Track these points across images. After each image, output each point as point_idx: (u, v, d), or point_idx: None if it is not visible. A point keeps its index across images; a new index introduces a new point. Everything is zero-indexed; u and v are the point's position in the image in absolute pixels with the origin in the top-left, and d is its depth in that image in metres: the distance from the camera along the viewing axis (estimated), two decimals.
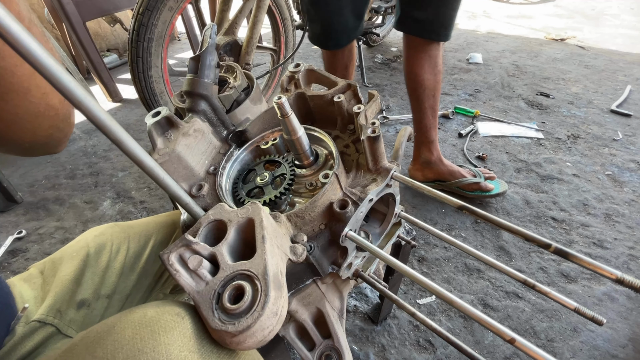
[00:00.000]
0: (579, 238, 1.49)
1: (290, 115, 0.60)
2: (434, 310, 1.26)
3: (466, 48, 3.25)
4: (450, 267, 1.39)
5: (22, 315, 0.56)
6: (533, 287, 0.52)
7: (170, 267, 0.41)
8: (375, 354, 1.14)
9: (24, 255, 1.56)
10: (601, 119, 2.22)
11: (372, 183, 0.62)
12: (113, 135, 0.34)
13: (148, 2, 1.54)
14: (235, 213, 0.46)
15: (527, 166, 1.88)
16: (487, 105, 2.42)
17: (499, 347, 1.14)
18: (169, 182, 0.43)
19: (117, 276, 0.67)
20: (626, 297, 1.27)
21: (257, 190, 0.65)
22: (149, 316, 0.39)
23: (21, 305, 0.57)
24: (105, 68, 2.66)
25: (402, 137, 0.83)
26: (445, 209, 1.64)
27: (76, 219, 1.74)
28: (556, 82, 2.64)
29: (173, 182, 0.44)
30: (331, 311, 0.66)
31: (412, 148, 1.78)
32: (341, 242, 0.59)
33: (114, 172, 2.02)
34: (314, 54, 3.29)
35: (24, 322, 0.56)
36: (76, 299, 0.61)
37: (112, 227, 0.72)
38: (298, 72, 0.76)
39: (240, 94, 0.75)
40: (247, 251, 0.44)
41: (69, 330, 0.58)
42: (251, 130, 0.73)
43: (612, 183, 1.75)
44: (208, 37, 0.67)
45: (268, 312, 0.38)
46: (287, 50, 2.27)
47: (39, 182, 1.97)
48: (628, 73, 2.69)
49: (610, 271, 0.44)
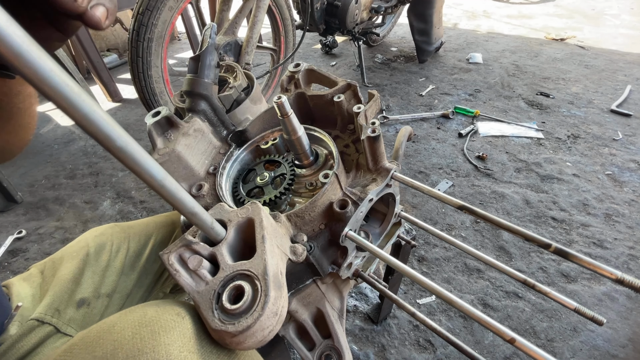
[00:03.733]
0: (579, 238, 1.49)
1: (290, 115, 0.60)
2: (434, 310, 1.26)
3: (466, 48, 3.25)
4: (450, 267, 1.39)
5: (15, 314, 0.56)
6: (533, 287, 0.52)
7: (170, 267, 0.41)
8: (375, 353, 1.14)
9: (24, 255, 1.56)
10: (601, 118, 2.22)
11: (372, 183, 0.62)
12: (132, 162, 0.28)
13: (148, 2, 1.54)
14: (235, 213, 0.46)
15: (527, 166, 1.88)
16: (487, 105, 2.42)
17: (499, 347, 1.14)
18: (198, 210, 0.37)
19: (117, 275, 0.67)
20: (626, 297, 1.27)
21: (257, 190, 0.65)
22: (149, 316, 0.39)
23: (17, 304, 0.57)
24: (105, 68, 2.66)
25: (402, 137, 0.83)
26: (445, 209, 1.64)
27: (76, 219, 1.73)
28: (556, 82, 2.64)
29: (201, 209, 0.38)
30: (331, 311, 0.66)
31: (412, 148, 1.78)
32: (341, 242, 0.59)
33: (114, 172, 2.02)
34: (314, 54, 3.29)
35: (18, 320, 0.56)
36: (75, 298, 0.61)
37: (113, 227, 0.73)
38: (298, 72, 0.76)
39: (240, 94, 0.75)
40: (247, 251, 0.44)
41: (68, 329, 0.58)
42: (251, 130, 0.73)
43: (612, 183, 1.75)
44: (208, 37, 0.67)
45: (268, 312, 0.38)
46: (287, 50, 2.27)
47: (39, 182, 1.97)
48: (628, 73, 2.69)
49: (610, 271, 0.44)
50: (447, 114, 2.29)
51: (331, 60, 3.15)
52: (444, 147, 2.04)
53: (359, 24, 2.61)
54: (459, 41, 3.40)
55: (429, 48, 2.91)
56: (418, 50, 2.94)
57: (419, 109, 2.42)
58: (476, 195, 1.71)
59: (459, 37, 3.49)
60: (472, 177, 1.83)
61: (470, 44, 3.34)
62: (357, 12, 2.49)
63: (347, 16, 2.40)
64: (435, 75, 2.82)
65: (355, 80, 1.09)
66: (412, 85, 2.69)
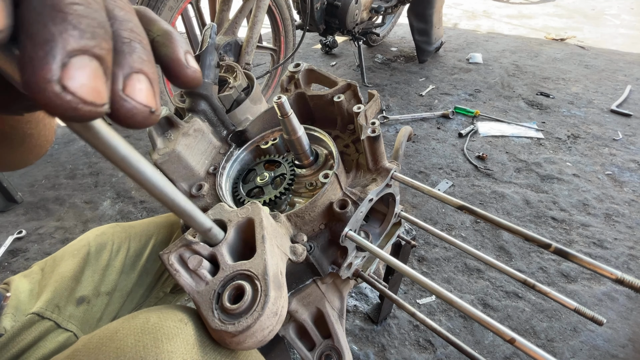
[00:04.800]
0: (579, 238, 1.49)
1: (290, 115, 0.60)
2: (434, 310, 1.26)
3: (466, 48, 3.25)
4: (450, 267, 1.39)
5: (5, 305, 0.57)
6: (533, 287, 0.52)
7: (170, 267, 0.41)
8: (375, 353, 1.14)
9: (24, 255, 1.56)
10: (601, 118, 2.22)
11: (372, 183, 0.62)
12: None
13: (148, 2, 1.54)
14: (235, 213, 0.46)
15: (527, 166, 1.88)
16: (487, 105, 2.42)
17: (499, 347, 1.14)
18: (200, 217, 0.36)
19: (117, 274, 0.68)
20: (626, 297, 1.27)
21: (257, 190, 0.65)
22: (151, 322, 0.39)
23: (12, 299, 0.58)
24: None
25: (402, 137, 0.83)
26: (445, 209, 1.64)
27: (76, 218, 1.73)
28: (556, 82, 2.64)
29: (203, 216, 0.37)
30: (331, 311, 0.66)
31: (412, 148, 1.78)
32: (341, 242, 0.59)
33: (114, 172, 2.02)
34: (314, 54, 3.29)
35: (11, 312, 0.56)
36: (75, 295, 0.62)
37: (114, 227, 0.73)
38: (298, 72, 0.76)
39: (240, 94, 0.75)
40: (247, 251, 0.44)
41: (68, 325, 0.59)
42: (251, 130, 0.73)
43: (612, 183, 1.75)
44: (208, 37, 0.67)
45: (268, 312, 0.38)
46: (287, 50, 2.27)
47: (39, 182, 1.97)
48: (628, 73, 2.69)
49: (610, 271, 0.44)
50: (447, 114, 2.29)
51: (331, 60, 3.15)
52: (444, 147, 2.04)
53: (359, 24, 2.61)
54: (459, 41, 3.40)
55: (429, 48, 2.91)
56: (418, 50, 2.94)
57: (419, 109, 2.42)
58: (476, 195, 1.71)
59: (459, 37, 3.49)
60: (472, 177, 1.83)
61: (470, 44, 3.34)
62: (357, 12, 2.49)
63: (347, 16, 2.40)
64: (435, 75, 2.82)
65: (355, 80, 1.09)
66: (412, 85, 2.69)
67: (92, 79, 0.16)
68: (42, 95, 0.15)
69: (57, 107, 0.15)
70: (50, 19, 0.15)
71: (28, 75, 0.15)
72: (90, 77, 0.16)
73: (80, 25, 0.16)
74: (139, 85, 0.19)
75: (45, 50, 0.15)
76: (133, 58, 0.19)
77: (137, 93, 0.19)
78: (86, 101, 0.16)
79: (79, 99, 0.16)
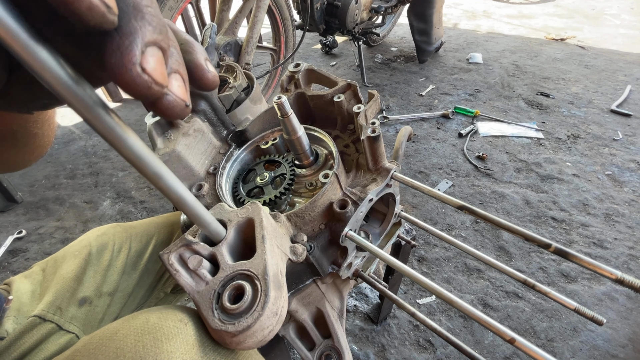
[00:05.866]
0: (579, 238, 1.49)
1: (290, 115, 0.60)
2: (434, 310, 1.26)
3: (466, 48, 3.25)
4: (450, 267, 1.39)
5: (8, 308, 0.56)
6: (533, 287, 0.52)
7: (170, 267, 0.41)
8: (375, 353, 1.14)
9: (24, 255, 1.56)
10: (601, 118, 2.22)
11: (372, 183, 0.62)
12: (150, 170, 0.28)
13: None
14: (235, 213, 0.46)
15: (527, 166, 1.88)
16: (487, 105, 2.42)
17: (499, 347, 1.14)
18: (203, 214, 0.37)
19: (118, 274, 0.68)
20: (626, 297, 1.27)
21: (257, 190, 0.65)
22: (151, 322, 0.39)
23: (15, 301, 0.58)
24: None
25: (402, 137, 0.83)
26: (445, 209, 1.64)
27: (76, 218, 1.73)
28: (556, 82, 2.64)
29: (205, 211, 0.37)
30: (331, 311, 0.66)
31: (412, 148, 1.78)
32: (341, 242, 0.59)
33: (114, 172, 2.02)
34: (314, 54, 3.29)
35: (13, 315, 0.56)
36: (77, 296, 0.62)
37: (114, 227, 0.73)
38: (298, 72, 0.76)
39: (240, 94, 0.75)
40: (247, 251, 0.44)
41: (70, 327, 0.59)
42: (251, 130, 0.73)
43: (612, 183, 1.75)
44: (208, 37, 0.67)
45: (268, 312, 0.38)
46: (287, 50, 2.27)
47: (39, 182, 1.97)
48: (628, 73, 2.69)
49: (610, 271, 0.44)
50: (447, 114, 2.29)
51: (331, 60, 3.15)
52: (444, 147, 2.04)
53: (359, 24, 2.61)
54: (459, 41, 3.40)
55: (429, 48, 2.91)
56: (418, 50, 2.94)
57: (419, 109, 2.42)
58: (476, 195, 1.71)
59: (459, 37, 3.49)
60: (472, 177, 1.83)
61: (470, 44, 3.34)
62: (357, 12, 2.49)
63: (347, 16, 2.40)
64: (435, 75, 2.82)
65: (355, 80, 1.09)
66: (412, 85, 2.69)
67: (160, 65, 0.20)
68: (128, 75, 0.19)
69: (137, 85, 0.19)
70: (133, 16, 0.19)
71: (117, 59, 0.18)
72: (159, 63, 0.20)
73: (153, 22, 0.20)
74: (177, 82, 0.23)
75: (130, 39, 0.19)
76: (172, 60, 0.23)
77: (176, 89, 0.22)
78: (157, 82, 0.20)
79: (152, 80, 0.20)
